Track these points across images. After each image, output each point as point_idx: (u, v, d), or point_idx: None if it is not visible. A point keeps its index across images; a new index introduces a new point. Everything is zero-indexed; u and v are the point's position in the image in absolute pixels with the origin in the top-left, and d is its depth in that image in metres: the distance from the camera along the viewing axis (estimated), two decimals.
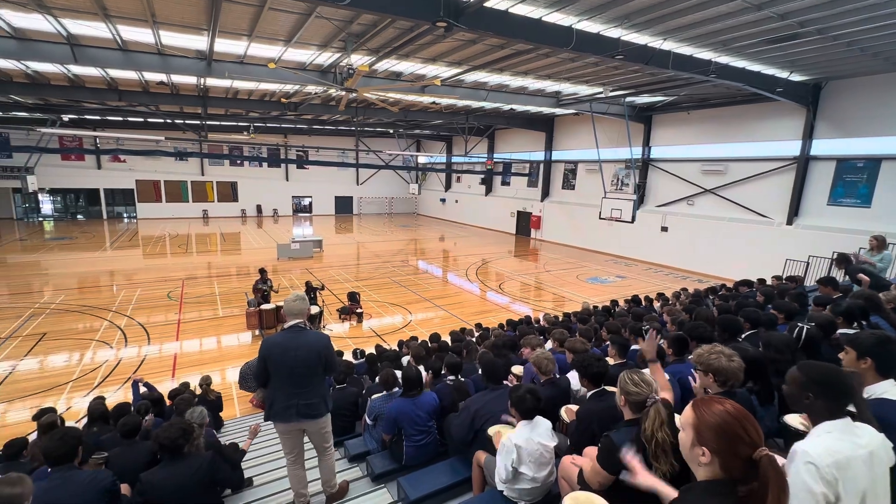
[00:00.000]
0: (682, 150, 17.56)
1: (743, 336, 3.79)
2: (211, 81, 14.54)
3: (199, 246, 22.04)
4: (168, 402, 5.40)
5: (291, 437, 3.09)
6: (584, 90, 15.09)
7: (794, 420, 2.32)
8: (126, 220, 29.45)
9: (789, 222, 14.11)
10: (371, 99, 14.37)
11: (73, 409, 7.02)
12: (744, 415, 1.19)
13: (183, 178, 30.83)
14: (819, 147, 13.46)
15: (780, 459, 1.58)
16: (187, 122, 21.14)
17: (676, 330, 4.71)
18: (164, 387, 7.10)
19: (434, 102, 17.28)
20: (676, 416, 1.86)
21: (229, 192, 32.58)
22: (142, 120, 23.32)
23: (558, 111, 19.91)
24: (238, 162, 31.97)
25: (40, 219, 28.48)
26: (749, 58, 10.36)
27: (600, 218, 16.88)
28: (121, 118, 23.01)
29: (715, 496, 1.14)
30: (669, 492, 1.62)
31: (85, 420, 4.76)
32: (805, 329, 2.96)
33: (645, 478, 1.72)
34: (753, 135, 15.07)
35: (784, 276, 8.49)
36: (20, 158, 23.92)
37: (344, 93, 11.09)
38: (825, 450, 1.49)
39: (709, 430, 1.19)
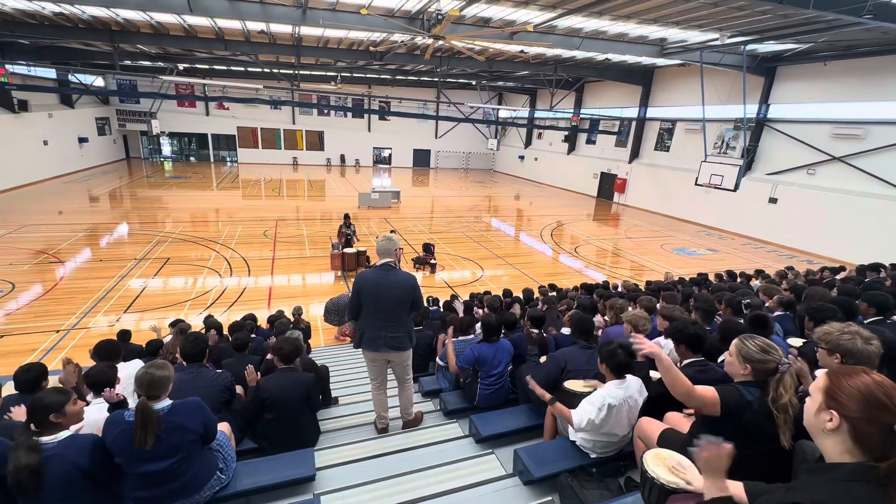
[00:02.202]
0: (810, 110, 15.05)
1: (867, 321, 3.34)
2: (305, 30, 15.00)
3: (288, 191, 23.78)
4: (266, 326, 6.12)
5: (377, 366, 3.38)
6: (695, 36, 13.29)
7: None
8: (229, 164, 32.48)
9: None
10: (457, 47, 13.95)
11: (196, 323, 8.22)
12: (889, 383, 1.06)
13: (277, 126, 32.97)
14: None
15: None
16: (282, 71, 22.23)
17: (783, 311, 4.28)
18: (262, 314, 8.02)
19: (522, 51, 16.37)
20: None
21: (316, 141, 34.33)
22: (243, 69, 24.97)
23: (660, 62, 17.89)
24: (325, 112, 33.31)
25: (161, 159, 32.39)
26: None
27: (696, 184, 15.35)
28: (225, 67, 24.82)
29: (853, 481, 1.01)
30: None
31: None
32: None
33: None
34: None
35: None
36: (145, 104, 27.04)
37: (431, 41, 10.87)
38: None
39: (844, 392, 1.08)
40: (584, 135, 26.77)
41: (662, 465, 1.73)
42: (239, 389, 3.30)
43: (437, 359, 4.28)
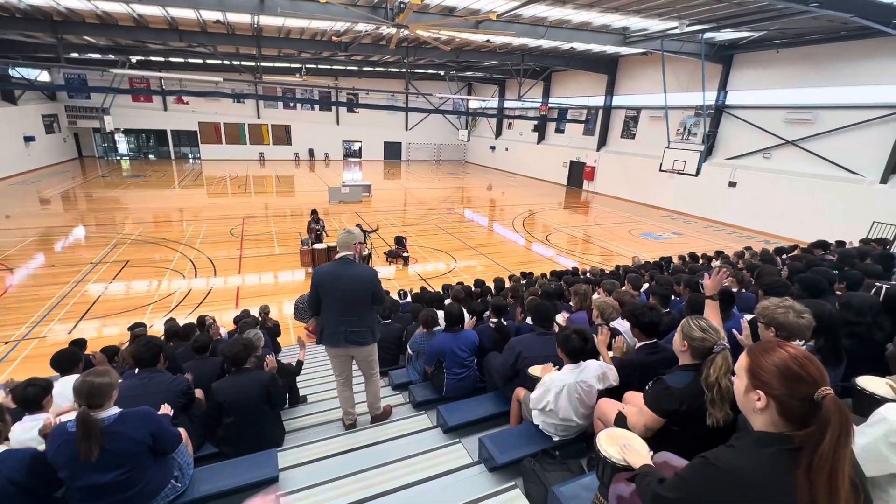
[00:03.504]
0: (764, 96, 15.65)
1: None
2: (264, 20, 14.49)
3: (256, 187, 23.11)
4: (233, 327, 5.94)
5: (340, 361, 3.33)
6: (655, 25, 13.56)
7: (876, 385, 2.14)
8: (191, 161, 31.24)
9: (884, 180, 12.49)
10: (423, 37, 13.79)
11: (153, 329, 7.90)
12: (804, 354, 1.10)
13: (240, 120, 31.88)
14: None
15: None
16: (243, 63, 21.47)
17: (737, 286, 4.45)
18: (230, 315, 7.80)
19: (488, 41, 16.33)
20: None
21: (283, 135, 33.42)
22: (201, 62, 23.96)
23: (624, 50, 18.20)
24: (291, 105, 32.43)
25: (118, 157, 30.84)
26: None
27: (661, 170, 15.80)
28: (182, 60, 23.75)
29: (766, 447, 1.07)
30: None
31: (162, 337, 5.34)
32: (884, 288, 2.68)
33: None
34: (855, 78, 13.08)
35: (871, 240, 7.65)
36: (97, 100, 25.63)
37: (395, 30, 10.69)
38: None
39: (765, 372, 1.11)
40: (553, 124, 27.06)
41: (615, 444, 1.77)
42: (199, 393, 3.20)
43: (409, 349, 4.26)
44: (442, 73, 26.70)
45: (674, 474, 1.24)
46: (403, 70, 21.83)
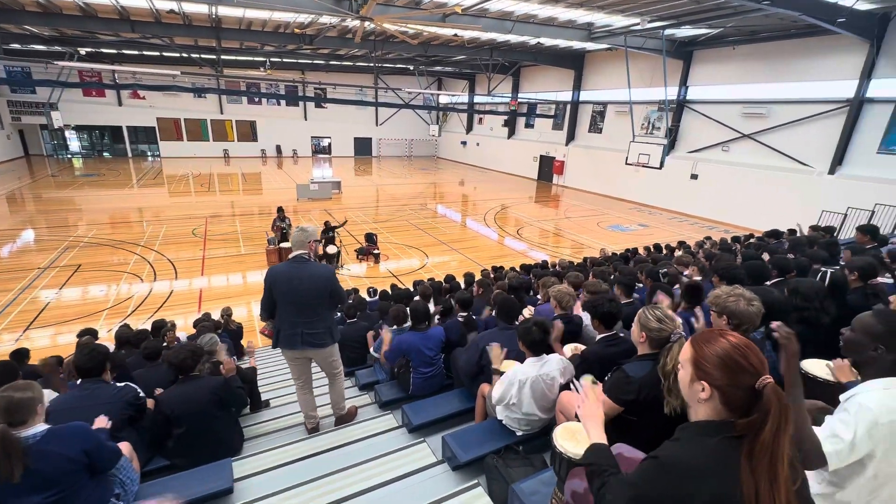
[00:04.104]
0: (723, 91, 16.23)
1: (770, 283, 3.65)
2: (223, 10, 13.91)
3: (221, 185, 22.31)
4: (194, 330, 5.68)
5: (298, 365, 3.21)
6: (619, 21, 13.82)
7: (817, 368, 2.22)
8: (150, 159, 29.84)
9: (831, 171, 13.19)
10: (389, 30, 13.56)
11: (109, 336, 7.50)
12: (745, 343, 1.10)
13: (202, 116, 30.63)
14: (877, 88, 12.20)
15: None
16: (202, 56, 20.58)
17: (699, 275, 4.58)
18: (192, 318, 7.48)
19: (456, 35, 16.23)
20: None
21: (249, 131, 32.35)
22: (157, 54, 22.86)
23: (589, 46, 18.45)
24: (256, 100, 31.40)
25: (69, 156, 29.11)
26: None
27: (627, 163, 16.17)
28: (137, 52, 22.59)
29: (709, 436, 1.08)
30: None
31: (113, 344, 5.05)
32: (829, 273, 2.79)
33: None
34: (804, 74, 13.73)
35: (820, 228, 8.05)
36: (43, 94, 24.05)
37: (359, 22, 10.46)
38: (888, 408, 1.43)
39: (708, 362, 1.11)
40: (523, 119, 27.27)
41: (572, 438, 1.75)
42: (150, 403, 3.02)
43: (371, 350, 4.18)
44: (411, 67, 26.45)
45: (623, 479, 1.22)
46: (372, 64, 21.48)
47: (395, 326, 4.17)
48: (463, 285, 6.34)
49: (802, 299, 2.58)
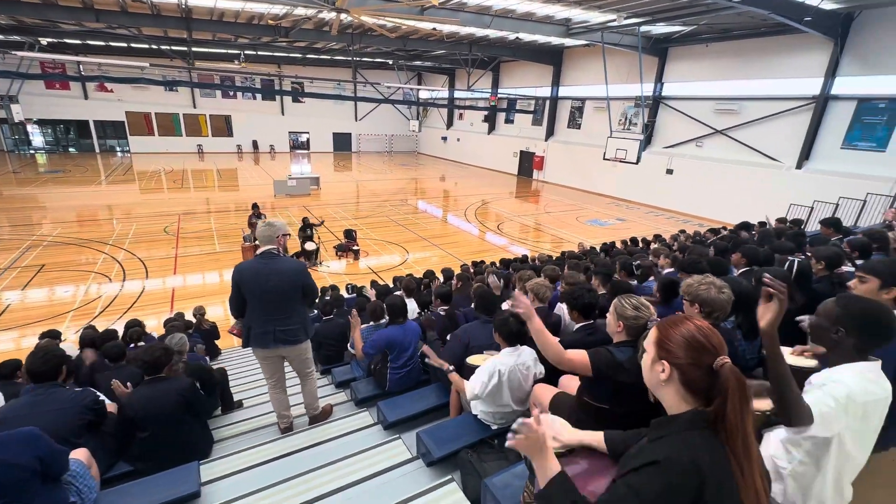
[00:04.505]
0: (696, 88, 16.58)
1: (739, 272, 3.73)
2: (192, 0, 13.45)
3: (195, 182, 21.70)
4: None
5: (270, 363, 3.12)
6: (596, 17, 13.93)
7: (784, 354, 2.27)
8: (120, 155, 28.77)
9: (799, 166, 13.64)
10: (367, 23, 13.35)
11: (75, 338, 7.20)
12: (708, 326, 1.13)
13: (174, 110, 29.65)
14: (841, 86, 12.66)
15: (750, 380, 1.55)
16: (173, 48, 19.88)
17: (671, 266, 4.66)
18: (164, 319, 7.23)
19: (435, 29, 16.12)
20: None
21: (223, 126, 31.49)
22: (125, 45, 21.95)
23: (568, 42, 18.61)
24: (231, 94, 30.58)
25: (32, 151, 27.82)
26: None
27: (604, 158, 16.38)
28: (103, 43, 21.67)
29: (689, 430, 1.06)
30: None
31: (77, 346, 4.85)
32: (796, 262, 2.87)
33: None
34: (773, 71, 14.13)
35: (788, 221, 8.32)
36: (2, 86, 22.87)
37: (335, 14, 10.27)
38: (864, 390, 1.46)
39: (671, 341, 1.13)
40: (503, 114, 27.35)
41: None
42: (112, 407, 2.89)
43: (349, 346, 4.12)
44: (390, 62, 26.16)
45: (619, 495, 1.05)
46: (350, 58, 21.16)
47: (371, 323, 4.12)
48: (442, 280, 6.31)
49: None
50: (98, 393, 2.76)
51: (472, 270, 8.04)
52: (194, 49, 19.58)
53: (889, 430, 1.79)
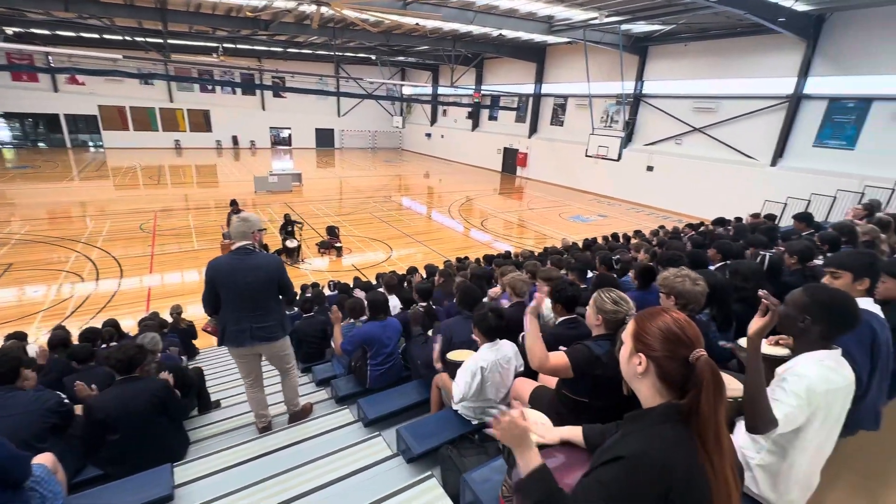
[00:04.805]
0: (676, 86, 16.86)
1: (715, 266, 3.81)
2: None
3: (172, 178, 21.15)
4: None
5: (247, 362, 3.05)
6: (578, 15, 14.04)
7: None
8: (92, 150, 27.82)
9: (773, 163, 14.02)
10: (349, 17, 13.17)
11: (43, 340, 6.94)
12: (685, 318, 1.13)
13: (150, 104, 28.79)
14: (813, 85, 13.03)
15: (726, 377, 1.58)
16: (148, 39, 19.29)
17: (650, 262, 4.73)
18: (140, 318, 7.03)
19: (418, 24, 16.00)
20: None
21: (202, 121, 30.73)
22: (97, 37, 21.21)
23: (550, 39, 18.70)
24: (209, 88, 29.84)
25: None
26: None
27: (587, 155, 16.55)
28: (73, 34, 20.86)
29: (661, 423, 1.06)
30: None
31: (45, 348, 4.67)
32: (767, 256, 2.94)
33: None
34: (749, 71, 14.46)
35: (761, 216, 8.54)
36: None
37: (316, 7, 10.10)
38: (825, 378, 1.51)
39: (648, 334, 1.12)
40: (487, 111, 27.37)
41: None
42: (78, 409, 2.79)
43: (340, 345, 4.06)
44: (373, 57, 25.90)
45: (587, 488, 1.07)
46: (332, 53, 20.86)
47: (351, 320, 4.07)
48: (425, 276, 6.28)
49: (742, 280, 2.71)
50: (63, 395, 2.66)
51: (455, 266, 8.04)
52: (170, 41, 18.98)
53: (854, 414, 1.86)
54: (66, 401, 2.60)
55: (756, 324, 1.54)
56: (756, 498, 1.74)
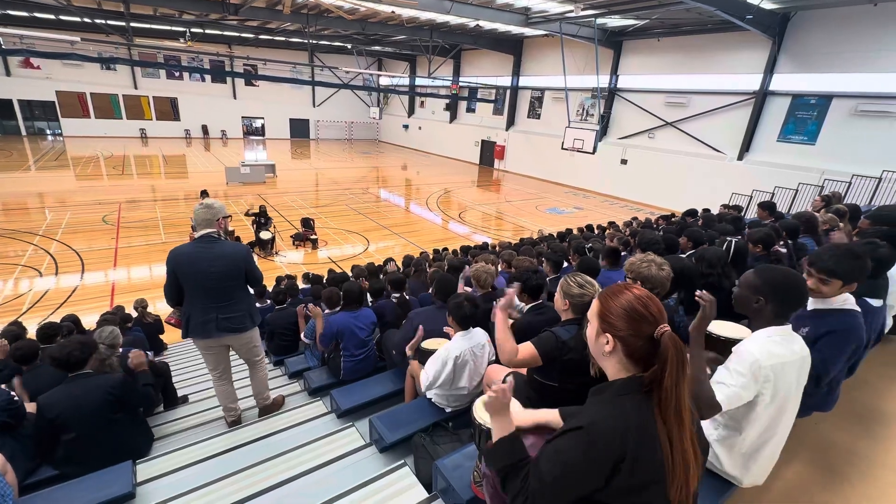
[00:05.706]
0: (649, 81, 17.17)
1: (686, 254, 3.91)
2: None
3: (138, 168, 20.29)
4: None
5: (214, 354, 2.95)
6: (554, 7, 14.08)
7: (719, 327, 2.39)
8: (50, 138, 26.39)
9: (740, 157, 14.49)
10: (323, 3, 12.84)
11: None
12: (647, 294, 1.13)
13: (112, 90, 27.45)
14: (778, 82, 13.49)
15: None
16: (109, 22, 18.31)
17: (624, 250, 4.82)
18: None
19: (394, 12, 15.74)
20: None
21: (169, 109, 29.52)
22: (53, 17, 20.03)
23: (527, 31, 18.70)
24: (176, 74, 28.65)
25: None
26: None
27: (563, 148, 16.71)
28: (26, 13, 19.63)
29: (621, 395, 1.09)
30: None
31: None
32: (733, 242, 3.03)
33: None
34: (718, 66, 14.85)
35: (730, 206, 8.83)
36: None
37: None
38: (769, 353, 1.56)
39: (612, 313, 1.13)
40: (465, 103, 27.26)
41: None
42: (32, 408, 2.65)
43: (303, 336, 3.98)
44: (349, 46, 25.37)
45: (547, 456, 1.11)
46: (306, 41, 20.32)
47: (327, 310, 4.00)
48: (400, 267, 6.24)
49: (707, 266, 2.78)
50: (13, 393, 2.52)
51: (431, 257, 8.02)
52: (133, 24, 18.09)
53: (810, 396, 1.93)
54: (16, 399, 2.46)
55: (696, 320, 1.62)
56: (719, 473, 1.80)
